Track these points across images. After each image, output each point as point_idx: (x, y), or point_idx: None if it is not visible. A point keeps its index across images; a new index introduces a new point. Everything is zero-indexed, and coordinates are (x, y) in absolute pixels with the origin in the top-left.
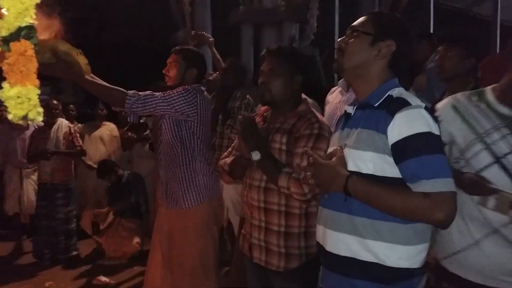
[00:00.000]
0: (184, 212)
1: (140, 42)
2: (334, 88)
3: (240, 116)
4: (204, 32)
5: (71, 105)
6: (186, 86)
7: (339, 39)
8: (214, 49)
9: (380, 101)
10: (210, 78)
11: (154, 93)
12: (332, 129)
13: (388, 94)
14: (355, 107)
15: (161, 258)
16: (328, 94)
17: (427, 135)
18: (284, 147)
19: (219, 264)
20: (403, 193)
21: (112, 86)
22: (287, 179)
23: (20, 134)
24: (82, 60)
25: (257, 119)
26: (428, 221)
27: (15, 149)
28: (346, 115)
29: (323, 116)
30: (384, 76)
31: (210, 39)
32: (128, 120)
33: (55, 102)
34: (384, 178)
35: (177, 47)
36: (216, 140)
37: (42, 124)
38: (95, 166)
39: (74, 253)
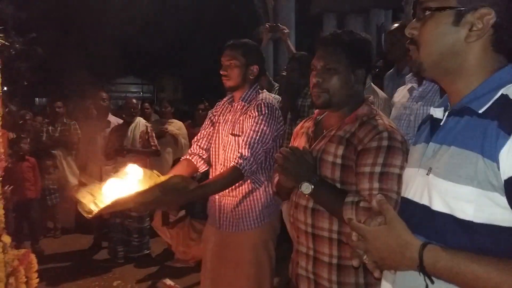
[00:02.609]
0: (241, 233)
1: (225, 39)
2: (402, 87)
3: (277, 154)
4: (279, 24)
5: (146, 104)
6: (260, 105)
7: (407, 27)
8: (289, 42)
9: (488, 104)
10: (284, 73)
11: (251, 141)
12: (402, 132)
13: (501, 94)
14: (447, 112)
15: (210, 276)
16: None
17: None
18: (339, 161)
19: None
20: None
21: (222, 175)
22: (355, 211)
23: (101, 132)
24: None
25: (308, 123)
26: None
27: (96, 146)
28: (433, 121)
29: None
30: (490, 64)
31: (285, 31)
32: (259, 185)
33: (134, 101)
34: (492, 229)
35: (232, 41)
36: (283, 142)
37: (122, 121)
38: None
39: (146, 251)
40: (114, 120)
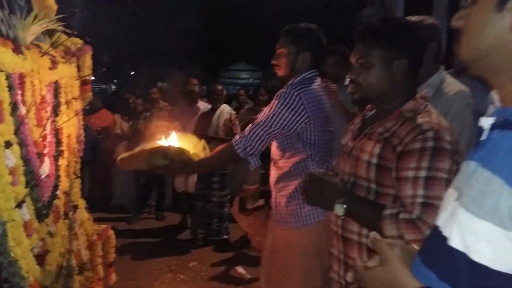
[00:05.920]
0: (291, 230)
1: (331, 24)
2: None
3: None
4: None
5: (241, 91)
6: (283, 91)
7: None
8: None
9: None
10: None
11: (256, 122)
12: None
13: None
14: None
15: (265, 275)
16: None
17: None
18: (374, 160)
19: None
20: None
21: (217, 150)
22: (396, 225)
23: (190, 118)
24: (196, 151)
25: (357, 120)
26: None
27: (184, 132)
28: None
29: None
30: None
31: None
32: (252, 167)
33: (219, 87)
34: (510, 280)
35: (285, 27)
36: None
37: (210, 107)
38: None
39: (225, 236)
40: (203, 107)
